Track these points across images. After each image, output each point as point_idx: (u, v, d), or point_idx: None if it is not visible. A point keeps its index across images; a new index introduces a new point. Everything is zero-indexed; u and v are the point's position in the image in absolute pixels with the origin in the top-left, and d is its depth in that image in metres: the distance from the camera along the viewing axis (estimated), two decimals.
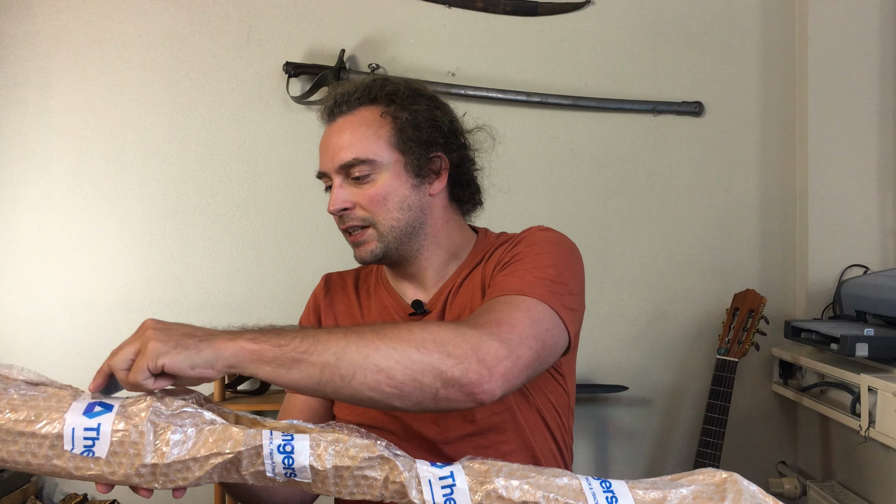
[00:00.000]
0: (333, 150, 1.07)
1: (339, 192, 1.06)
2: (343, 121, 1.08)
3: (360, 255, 1.09)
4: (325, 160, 1.08)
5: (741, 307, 1.82)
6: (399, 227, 1.07)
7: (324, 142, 1.09)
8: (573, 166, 2.03)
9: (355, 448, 0.69)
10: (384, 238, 1.07)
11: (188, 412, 0.71)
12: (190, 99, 2.00)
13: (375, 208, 1.06)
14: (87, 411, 0.69)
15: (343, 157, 1.05)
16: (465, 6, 2.01)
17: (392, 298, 1.14)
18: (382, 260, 1.09)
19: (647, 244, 2.04)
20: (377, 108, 1.08)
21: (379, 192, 1.06)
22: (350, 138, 1.06)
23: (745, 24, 2.04)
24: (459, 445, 1.03)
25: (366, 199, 1.06)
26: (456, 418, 1.04)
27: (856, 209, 1.95)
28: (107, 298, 1.98)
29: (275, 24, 2.00)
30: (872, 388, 1.50)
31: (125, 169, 1.99)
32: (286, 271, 2.01)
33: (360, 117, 1.07)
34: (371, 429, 0.93)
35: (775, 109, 2.04)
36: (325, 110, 1.10)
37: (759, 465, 2.04)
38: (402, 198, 1.07)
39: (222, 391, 1.86)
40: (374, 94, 1.08)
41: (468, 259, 1.14)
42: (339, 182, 1.07)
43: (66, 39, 1.98)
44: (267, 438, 0.69)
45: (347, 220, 1.07)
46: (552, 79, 2.02)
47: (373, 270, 1.23)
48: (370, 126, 1.07)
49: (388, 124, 1.07)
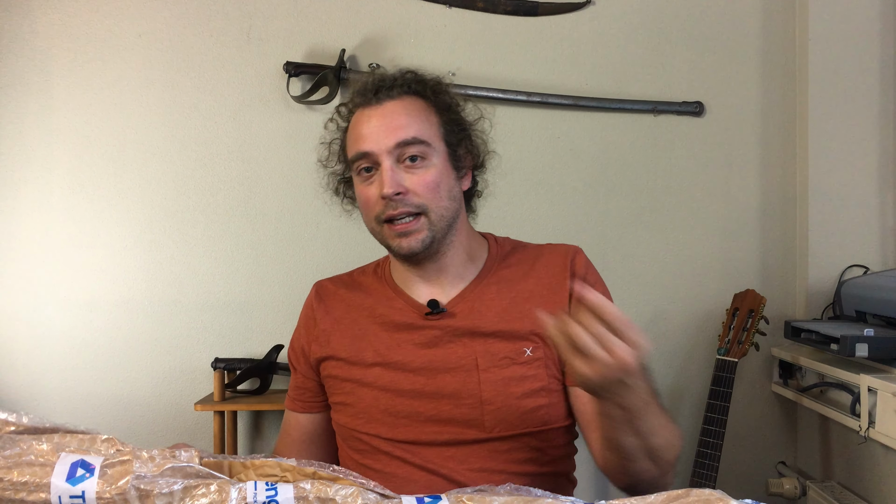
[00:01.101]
0: (388, 129, 1.03)
1: (393, 173, 1.02)
2: (393, 104, 1.05)
3: (409, 244, 1.04)
4: (372, 139, 1.04)
5: (741, 307, 1.82)
6: (447, 216, 1.06)
7: (366, 123, 1.05)
8: (573, 166, 2.03)
9: (340, 497, 0.69)
10: (434, 227, 1.05)
11: (175, 469, 0.71)
12: (190, 98, 1.99)
13: (430, 195, 1.04)
14: (70, 476, 0.68)
15: (402, 135, 1.03)
16: (466, 6, 2.01)
17: (402, 299, 1.13)
18: (426, 251, 1.06)
19: (647, 244, 2.04)
20: (421, 100, 1.08)
21: (434, 178, 1.04)
22: (407, 119, 1.04)
23: (745, 24, 2.04)
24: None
25: (421, 185, 1.03)
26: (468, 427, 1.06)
27: (856, 209, 1.94)
28: (107, 298, 1.98)
29: (275, 23, 2.00)
30: (872, 388, 1.50)
31: (125, 168, 1.99)
32: (286, 271, 2.01)
33: (410, 104, 1.06)
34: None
35: (775, 109, 2.04)
36: (367, 92, 1.07)
37: (759, 466, 2.04)
38: (451, 187, 1.07)
39: (222, 391, 1.86)
40: (416, 87, 1.08)
41: (487, 264, 1.14)
42: (389, 164, 1.03)
43: (66, 39, 1.98)
44: (251, 493, 0.69)
45: (400, 206, 1.03)
46: (552, 79, 2.02)
47: (369, 271, 1.22)
48: (421, 112, 1.06)
49: (434, 115, 1.07)
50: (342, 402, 1.13)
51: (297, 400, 1.21)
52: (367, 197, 1.06)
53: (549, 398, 1.08)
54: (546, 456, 1.09)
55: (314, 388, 1.19)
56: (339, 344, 1.14)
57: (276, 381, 1.95)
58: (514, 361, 1.07)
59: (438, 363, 1.07)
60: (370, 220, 1.08)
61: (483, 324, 1.08)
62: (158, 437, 1.99)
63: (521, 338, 1.08)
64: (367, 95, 1.07)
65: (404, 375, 1.08)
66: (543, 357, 1.08)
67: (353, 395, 1.11)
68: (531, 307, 1.09)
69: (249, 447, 2.01)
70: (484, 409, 1.05)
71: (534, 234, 1.96)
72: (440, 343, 1.08)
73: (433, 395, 1.07)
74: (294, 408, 1.22)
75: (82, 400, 1.98)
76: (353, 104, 1.11)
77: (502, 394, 1.05)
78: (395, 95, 1.06)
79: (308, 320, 1.20)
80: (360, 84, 1.11)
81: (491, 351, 1.07)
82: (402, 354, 1.09)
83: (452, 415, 1.06)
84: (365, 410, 1.09)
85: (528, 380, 1.06)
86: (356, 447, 1.12)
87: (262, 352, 1.95)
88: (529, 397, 1.06)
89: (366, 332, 1.13)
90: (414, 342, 1.09)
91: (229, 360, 1.89)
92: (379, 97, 1.06)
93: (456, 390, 1.06)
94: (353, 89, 1.14)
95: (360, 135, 1.06)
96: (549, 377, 1.08)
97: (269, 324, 2.00)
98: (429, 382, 1.07)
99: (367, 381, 1.10)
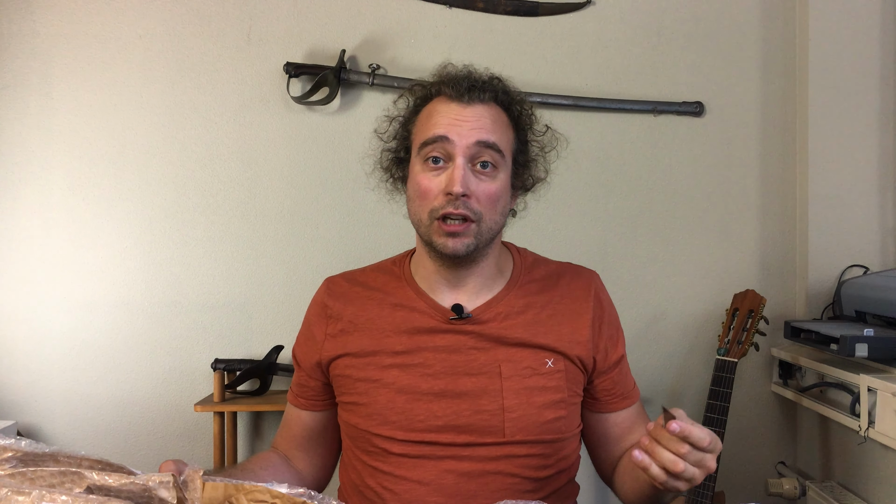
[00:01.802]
0: (474, 126, 1.04)
1: (467, 173, 1.03)
2: (482, 107, 1.06)
3: (454, 246, 1.04)
4: (456, 131, 1.03)
5: (741, 307, 1.82)
6: (494, 230, 1.08)
7: (454, 115, 1.05)
8: (573, 166, 2.03)
9: None
10: (480, 236, 1.05)
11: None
12: (190, 99, 2.00)
13: (489, 205, 1.05)
14: None
15: (486, 137, 1.03)
16: (466, 6, 2.01)
17: (424, 301, 1.13)
18: (467, 256, 1.07)
19: (647, 244, 2.04)
20: (505, 113, 1.10)
21: (497, 191, 1.05)
22: (492, 125, 1.05)
23: (745, 24, 2.04)
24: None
25: (484, 193, 1.04)
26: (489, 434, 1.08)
27: (856, 209, 1.95)
28: (107, 299, 1.98)
29: (275, 24, 2.00)
30: (872, 388, 1.50)
31: (125, 169, 1.99)
32: (286, 271, 2.01)
33: (497, 113, 1.08)
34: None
35: (775, 109, 2.04)
36: (460, 87, 1.06)
37: (759, 466, 2.04)
38: (505, 203, 1.09)
39: (222, 392, 1.86)
40: (503, 97, 1.09)
41: (514, 276, 1.16)
42: (462, 162, 1.03)
43: (67, 40, 1.98)
44: None
45: (461, 207, 1.02)
46: (552, 79, 2.02)
47: (386, 269, 1.20)
48: (503, 124, 1.08)
49: (512, 131, 1.10)
50: (354, 401, 1.12)
51: (301, 397, 1.21)
52: (428, 188, 1.05)
53: (567, 410, 1.11)
54: (557, 462, 1.12)
55: (318, 387, 1.19)
56: (354, 342, 1.13)
57: (276, 382, 1.95)
58: (536, 372, 1.09)
59: (460, 368, 1.08)
60: (423, 210, 1.06)
61: (509, 333, 1.10)
62: (158, 437, 1.99)
63: (544, 350, 1.10)
64: (460, 90, 1.06)
65: (423, 378, 1.08)
66: (564, 370, 1.11)
67: (367, 395, 1.10)
68: (554, 323, 1.12)
69: (249, 448, 2.01)
70: (505, 417, 1.06)
71: (534, 235, 1.97)
72: (463, 348, 1.10)
73: (452, 399, 1.07)
74: (297, 404, 1.21)
75: (82, 400, 1.98)
76: (435, 90, 1.09)
77: (524, 403, 1.07)
78: (486, 100, 1.07)
79: (319, 317, 1.18)
80: (449, 74, 1.09)
81: (514, 360, 1.09)
82: (422, 357, 1.10)
83: (471, 420, 1.07)
84: (380, 411, 1.09)
85: (548, 391, 1.09)
86: (366, 448, 1.11)
87: (261, 352, 1.95)
88: (549, 408, 1.09)
89: (384, 333, 1.12)
90: (436, 345, 1.10)
91: (229, 360, 1.89)
92: (471, 96, 1.06)
93: (477, 396, 1.07)
94: (439, 75, 1.11)
95: (441, 121, 1.05)
96: (568, 390, 1.11)
97: (269, 324, 2.00)
98: (448, 386, 1.08)
99: (383, 381, 1.09)
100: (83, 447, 1.97)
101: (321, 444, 1.22)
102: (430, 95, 1.10)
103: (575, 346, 1.12)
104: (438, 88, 1.09)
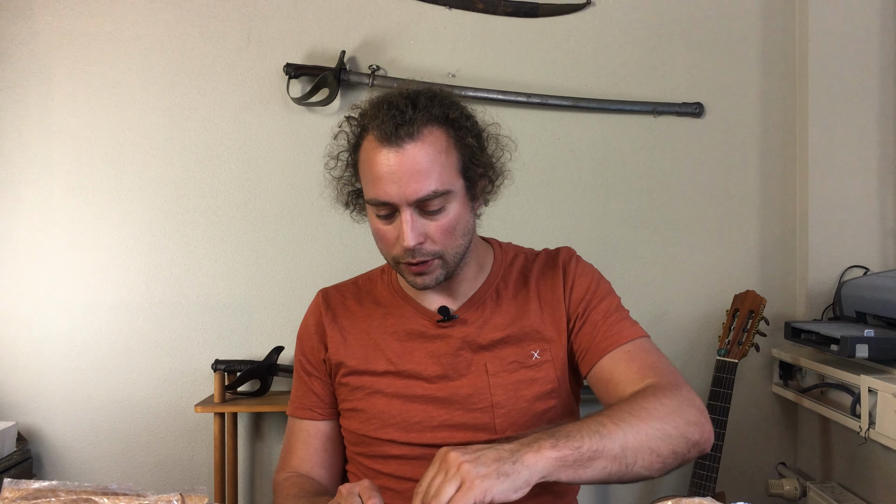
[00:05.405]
0: (407, 181, 0.98)
1: (415, 225, 1.00)
2: (414, 148, 0.99)
3: (424, 282, 1.05)
4: (393, 190, 0.99)
5: (741, 308, 1.82)
6: (461, 252, 1.07)
7: (387, 168, 0.99)
8: (573, 167, 2.03)
9: None
10: (448, 265, 1.05)
11: None
12: (190, 100, 2.00)
13: (446, 240, 1.03)
14: None
15: (422, 191, 0.98)
16: (466, 7, 2.01)
17: (411, 306, 1.14)
18: (440, 284, 1.07)
19: (647, 245, 2.04)
20: (441, 130, 1.02)
21: (450, 223, 1.03)
22: (428, 169, 0.99)
23: (745, 25, 2.04)
24: None
25: (438, 231, 1.02)
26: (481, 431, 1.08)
27: (856, 210, 1.95)
28: (107, 300, 1.98)
29: (275, 25, 2.00)
30: (872, 389, 1.50)
31: (125, 170, 1.99)
32: (286, 272, 2.01)
33: (430, 144, 1.00)
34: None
35: (775, 110, 2.04)
36: (386, 133, 0.99)
37: (759, 466, 2.04)
38: (465, 224, 1.06)
39: (222, 392, 1.86)
40: (433, 112, 1.01)
41: (493, 271, 1.16)
42: (409, 215, 1.00)
43: (67, 41, 1.98)
44: None
45: (418, 255, 1.02)
46: (552, 80, 2.02)
47: (375, 279, 1.22)
48: (441, 153, 1.01)
49: (454, 149, 1.03)
50: (353, 408, 1.14)
51: (317, 408, 1.19)
52: (385, 234, 1.04)
53: (558, 399, 1.11)
54: None
55: (331, 393, 1.19)
56: (348, 354, 1.15)
57: (277, 383, 1.95)
58: (522, 365, 1.10)
59: (450, 370, 1.10)
60: (385, 254, 1.08)
61: (491, 329, 1.11)
62: (158, 438, 1.99)
63: (529, 342, 1.11)
64: (387, 132, 0.99)
65: (417, 383, 1.10)
66: (551, 359, 1.11)
67: (364, 401, 1.12)
68: (535, 310, 1.12)
69: (249, 449, 2.01)
70: (495, 413, 1.08)
71: (534, 235, 1.97)
72: (452, 350, 1.11)
73: (445, 401, 1.09)
74: (313, 416, 1.19)
75: (83, 402, 1.98)
76: (366, 125, 1.04)
77: (513, 397, 1.08)
78: (415, 134, 0.99)
79: (318, 327, 1.19)
80: (375, 108, 1.02)
81: (499, 356, 1.10)
82: (414, 362, 1.11)
83: (464, 419, 1.08)
84: (377, 416, 1.10)
85: (537, 383, 1.09)
86: (367, 452, 1.13)
87: (262, 353, 1.95)
88: (540, 400, 1.09)
89: (377, 342, 1.14)
90: (427, 350, 1.11)
91: (229, 361, 1.89)
92: (399, 136, 0.99)
93: (467, 396, 1.09)
94: (367, 106, 1.05)
95: (378, 177, 1.00)
96: (557, 379, 1.11)
97: (270, 325, 2.00)
98: (441, 389, 1.09)
99: (379, 388, 1.11)
100: (83, 447, 1.98)
101: (339, 455, 1.22)
102: (364, 130, 1.05)
103: (556, 325, 1.11)
104: (369, 127, 1.03)
